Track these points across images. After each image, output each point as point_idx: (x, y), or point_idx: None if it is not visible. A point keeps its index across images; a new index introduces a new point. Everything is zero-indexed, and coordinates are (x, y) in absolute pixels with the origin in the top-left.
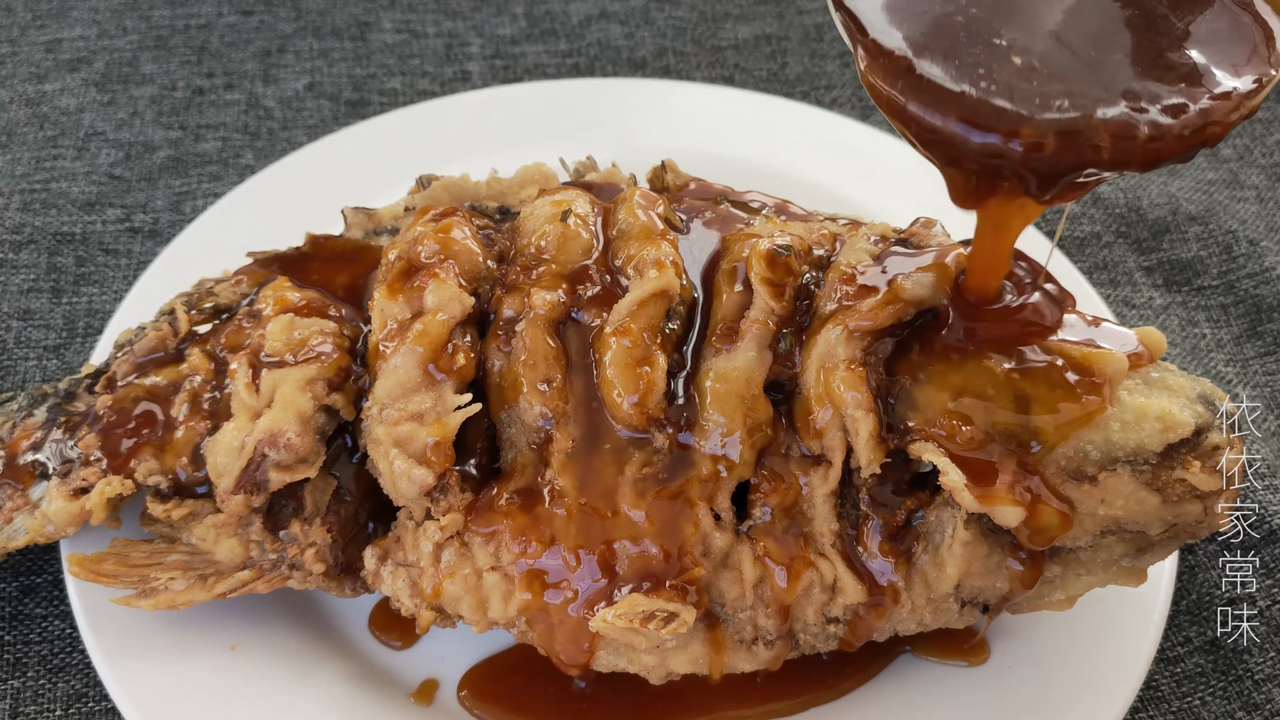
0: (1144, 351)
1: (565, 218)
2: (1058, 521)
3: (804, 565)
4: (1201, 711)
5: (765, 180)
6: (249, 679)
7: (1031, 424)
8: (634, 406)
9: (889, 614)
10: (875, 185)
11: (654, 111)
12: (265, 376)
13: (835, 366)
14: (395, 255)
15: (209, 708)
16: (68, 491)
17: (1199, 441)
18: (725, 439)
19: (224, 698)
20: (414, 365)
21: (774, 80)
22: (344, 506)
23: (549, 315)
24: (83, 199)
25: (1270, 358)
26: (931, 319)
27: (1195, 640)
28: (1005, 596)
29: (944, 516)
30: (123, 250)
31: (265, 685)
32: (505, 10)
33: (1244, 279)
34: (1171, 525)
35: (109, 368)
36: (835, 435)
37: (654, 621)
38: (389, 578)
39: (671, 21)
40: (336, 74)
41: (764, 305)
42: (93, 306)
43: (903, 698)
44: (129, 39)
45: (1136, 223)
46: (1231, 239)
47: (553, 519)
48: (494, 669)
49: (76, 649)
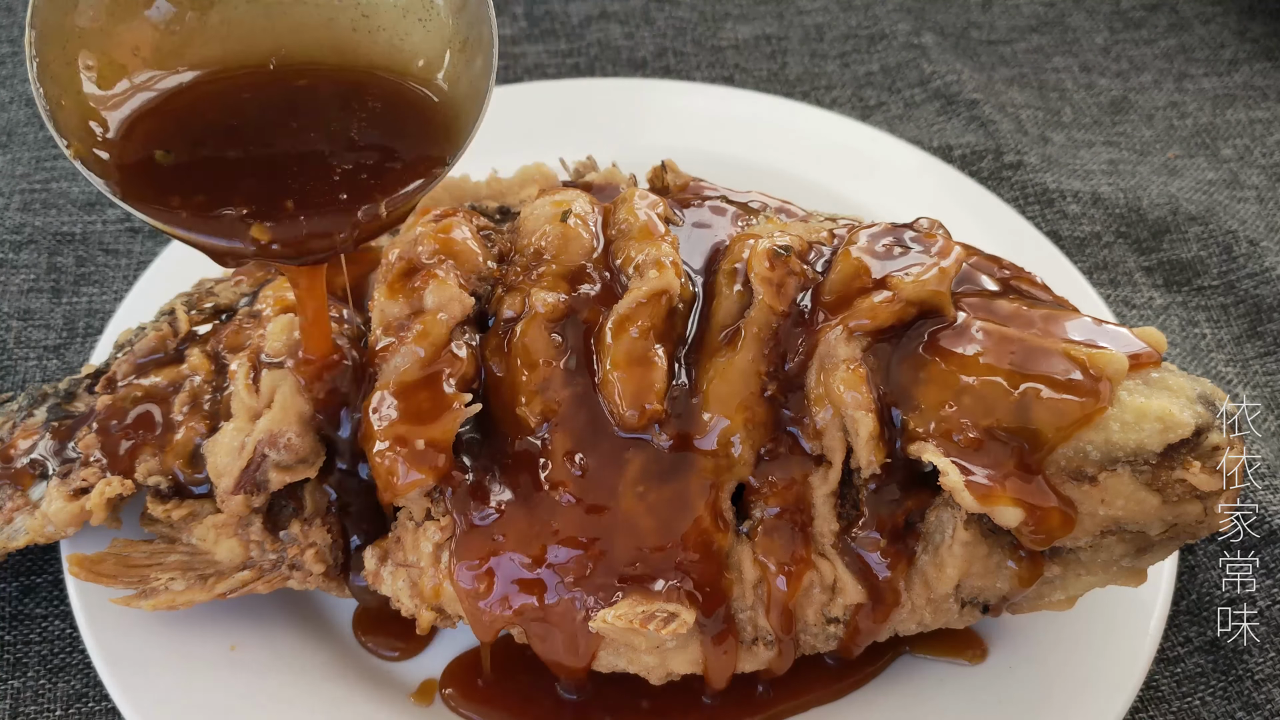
0: (1150, 352)
1: (565, 218)
2: (1058, 522)
3: (804, 566)
4: (1201, 711)
5: (765, 180)
6: (249, 679)
7: (1032, 424)
8: (634, 406)
9: (889, 614)
10: (875, 185)
11: (654, 111)
12: (265, 377)
13: (835, 366)
14: (395, 255)
15: (209, 708)
16: (68, 492)
17: (1199, 442)
18: (725, 438)
19: (224, 698)
20: (414, 365)
21: (774, 80)
22: (344, 506)
23: (549, 315)
24: (83, 198)
25: (1270, 358)
26: (932, 319)
27: (1195, 640)
28: (1005, 597)
29: (944, 517)
30: (123, 250)
31: (265, 685)
32: (505, 10)
33: (1244, 279)
34: (1171, 525)
35: (109, 368)
36: (835, 435)
37: (654, 622)
38: (389, 578)
39: (671, 21)
40: None
41: (764, 305)
42: (93, 306)
43: (903, 698)
44: None
45: (1136, 223)
46: (1231, 239)
47: (551, 519)
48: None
49: (76, 649)
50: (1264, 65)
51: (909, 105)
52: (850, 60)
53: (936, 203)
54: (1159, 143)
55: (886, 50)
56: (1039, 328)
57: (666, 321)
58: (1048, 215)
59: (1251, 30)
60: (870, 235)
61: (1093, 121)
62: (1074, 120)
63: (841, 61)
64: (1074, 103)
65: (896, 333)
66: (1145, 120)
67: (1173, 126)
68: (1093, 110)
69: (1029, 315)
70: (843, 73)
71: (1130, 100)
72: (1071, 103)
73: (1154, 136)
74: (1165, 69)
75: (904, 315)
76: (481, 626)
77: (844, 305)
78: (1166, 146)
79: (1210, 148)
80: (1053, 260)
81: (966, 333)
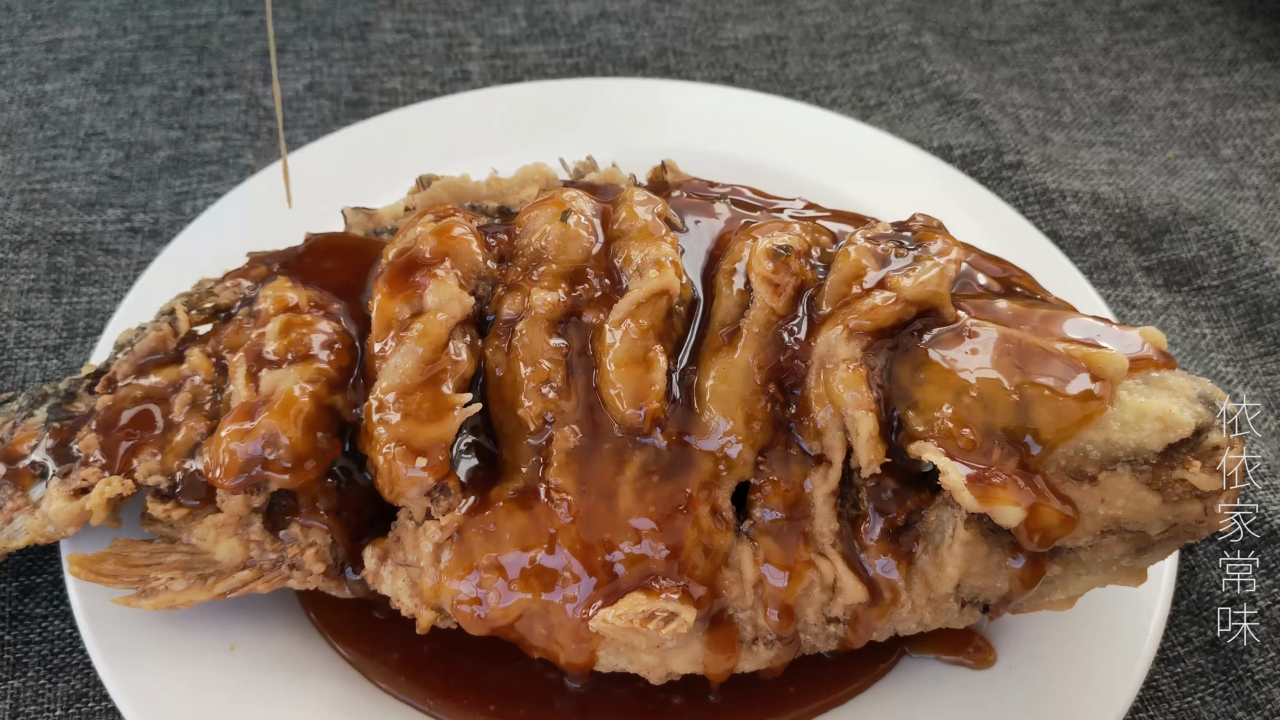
0: (1152, 353)
1: (566, 218)
2: (1058, 522)
3: (804, 565)
4: (1201, 711)
5: (765, 180)
6: (249, 679)
7: (1032, 424)
8: (634, 406)
9: (889, 614)
10: (875, 185)
11: (654, 111)
12: (265, 376)
13: (835, 366)
14: (395, 254)
15: (209, 708)
16: (68, 492)
17: (1199, 441)
18: (725, 438)
19: (224, 698)
20: (414, 365)
21: (774, 80)
22: (344, 506)
23: (549, 315)
24: (83, 199)
25: (1270, 358)
26: (932, 318)
27: (1195, 640)
28: (1006, 597)
29: (944, 516)
30: (123, 250)
31: (265, 685)
32: (505, 10)
33: (1244, 279)
34: (1172, 525)
35: (109, 368)
36: (835, 435)
37: (654, 621)
38: (389, 577)
39: (671, 21)
40: (337, 74)
41: (764, 305)
42: (93, 306)
43: (903, 698)
44: (129, 39)
45: (1136, 223)
46: (1231, 239)
47: (552, 519)
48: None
49: (77, 649)
50: (1264, 65)
51: (909, 105)
52: (850, 60)
53: (936, 202)
54: (1159, 142)
55: (886, 50)
56: (1039, 327)
57: (666, 321)
58: (1048, 215)
59: (1252, 30)
60: (870, 235)
61: (1093, 121)
62: (1074, 120)
63: (841, 61)
64: (1074, 102)
65: (896, 332)
66: (1145, 120)
67: (1173, 126)
68: (1093, 110)
69: (1029, 315)
70: (843, 73)
71: (1130, 100)
72: (1071, 102)
73: (1154, 136)
74: (1165, 69)
75: (904, 315)
76: (481, 625)
77: (844, 305)
78: (1167, 146)
79: (1210, 148)
80: (1053, 260)
81: (966, 332)
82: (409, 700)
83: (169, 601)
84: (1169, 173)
